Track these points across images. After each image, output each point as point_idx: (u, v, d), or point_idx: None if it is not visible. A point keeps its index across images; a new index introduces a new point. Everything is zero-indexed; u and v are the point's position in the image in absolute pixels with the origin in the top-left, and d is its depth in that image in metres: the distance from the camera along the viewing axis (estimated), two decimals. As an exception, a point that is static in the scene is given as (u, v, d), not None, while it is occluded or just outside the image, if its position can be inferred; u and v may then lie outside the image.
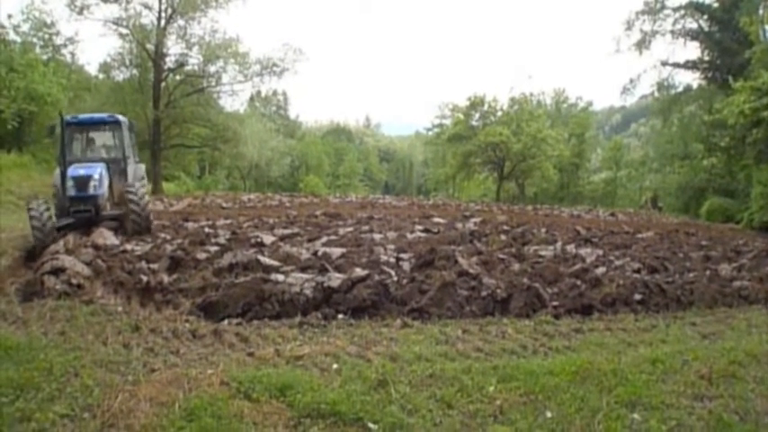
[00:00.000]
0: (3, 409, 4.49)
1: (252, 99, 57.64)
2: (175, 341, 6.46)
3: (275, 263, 9.68)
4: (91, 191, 13.11)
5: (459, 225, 18.10)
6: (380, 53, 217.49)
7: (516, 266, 10.71)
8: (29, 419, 4.39)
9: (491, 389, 5.21)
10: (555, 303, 8.47)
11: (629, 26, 40.64)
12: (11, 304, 7.67)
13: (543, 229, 18.61)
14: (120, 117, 15.25)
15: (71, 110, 34.37)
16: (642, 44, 40.37)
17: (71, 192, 12.93)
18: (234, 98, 47.94)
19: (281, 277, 8.47)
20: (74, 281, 8.32)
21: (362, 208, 26.45)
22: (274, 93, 78.64)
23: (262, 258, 9.78)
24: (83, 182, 13.07)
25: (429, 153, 77.93)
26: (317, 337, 6.61)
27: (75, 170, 13.14)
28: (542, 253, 12.70)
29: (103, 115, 15.78)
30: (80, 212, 13.12)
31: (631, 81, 44.33)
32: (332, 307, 7.67)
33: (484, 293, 8.43)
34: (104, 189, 13.50)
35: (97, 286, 8.39)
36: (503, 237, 15.40)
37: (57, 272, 8.53)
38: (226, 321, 7.22)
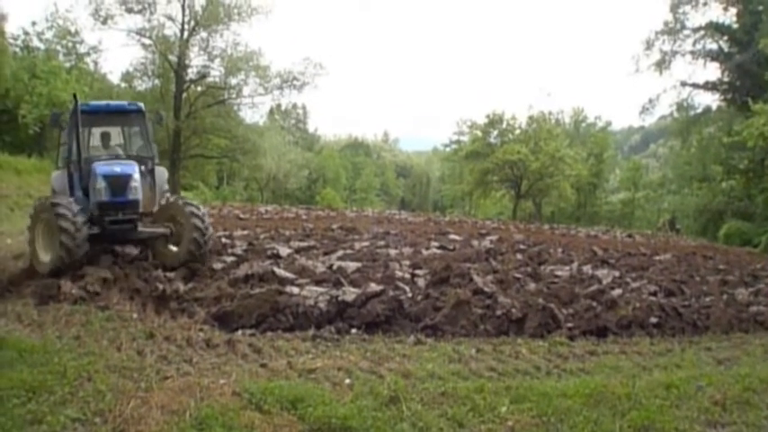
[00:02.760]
0: (14, 411, 4.56)
1: (271, 112, 58.03)
2: (189, 350, 6.54)
3: (290, 275, 9.75)
4: (130, 195, 10.21)
5: (475, 243, 18.04)
6: (400, 69, 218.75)
7: (532, 286, 10.65)
8: (40, 422, 4.45)
9: (503, 409, 5.19)
10: (570, 325, 8.42)
11: (649, 46, 40.37)
12: (27, 307, 7.84)
13: (560, 249, 18.49)
14: (142, 105, 12.15)
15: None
16: (662, 64, 40.05)
17: (102, 195, 10.00)
18: (254, 110, 48.31)
19: (295, 290, 8.52)
20: (90, 288, 8.42)
21: (379, 223, 26.45)
22: (294, 106, 79.11)
23: (277, 270, 9.85)
24: (120, 183, 10.13)
25: (446, 169, 77.93)
26: (330, 351, 6.63)
27: (108, 167, 10.25)
28: (558, 273, 12.62)
29: (123, 103, 12.76)
30: (118, 223, 10.26)
31: (650, 101, 43.89)
32: (345, 321, 7.70)
33: (499, 312, 8.40)
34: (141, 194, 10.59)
35: (113, 293, 8.46)
36: (519, 256, 15.31)
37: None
38: (240, 332, 7.28)
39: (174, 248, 10.73)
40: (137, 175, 10.33)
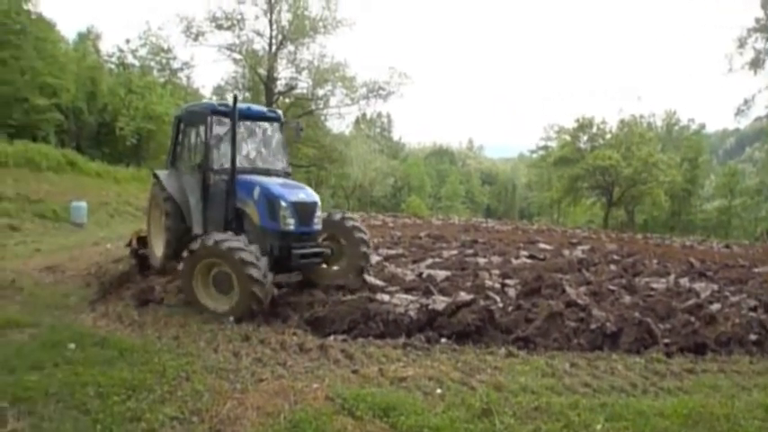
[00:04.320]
0: (115, 408, 4.79)
1: (357, 121, 58.88)
2: (283, 353, 6.71)
3: (380, 283, 9.84)
4: (315, 225, 9.18)
5: (567, 252, 17.59)
6: (484, 76, 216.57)
7: (627, 299, 10.26)
8: (139, 419, 4.67)
9: (598, 427, 5.05)
10: (667, 340, 8.02)
11: (742, 44, 38.53)
12: (127, 308, 8.25)
13: (655, 260, 17.74)
14: (281, 114, 10.93)
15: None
16: (756, 63, 37.99)
17: (289, 225, 8.67)
18: (340, 120, 49.29)
19: (386, 297, 8.59)
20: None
21: (465, 231, 26.28)
22: (378, 115, 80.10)
23: (367, 278, 9.94)
24: (308, 211, 8.97)
25: (533, 176, 76.54)
26: (421, 360, 6.63)
27: (290, 191, 8.90)
28: (654, 285, 12.10)
29: (263, 108, 10.97)
30: (308, 258, 9.05)
31: (745, 102, 41.82)
32: (435, 330, 7.67)
33: (593, 326, 8.12)
34: None
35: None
36: (612, 266, 14.83)
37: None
38: (332, 337, 7.39)
39: (334, 267, 10.04)
40: (319, 203, 9.27)
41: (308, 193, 9.14)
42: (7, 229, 17.08)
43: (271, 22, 39.31)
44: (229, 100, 9.17)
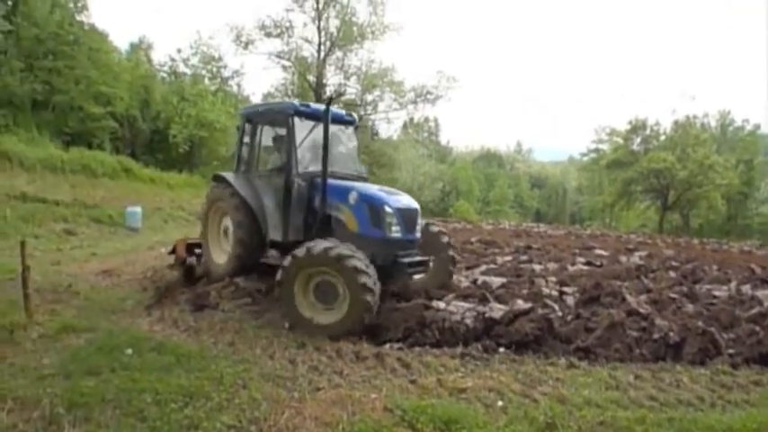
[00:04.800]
0: (172, 416, 4.75)
1: (405, 125, 58.95)
2: (339, 361, 6.60)
3: (435, 289, 9.65)
4: (417, 232, 8.97)
5: (623, 258, 17.13)
6: (533, 78, 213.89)
7: (690, 307, 9.85)
8: (196, 428, 4.61)
9: (667, 443, 4.75)
10: (731, 351, 7.64)
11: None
12: (183, 313, 8.25)
13: (714, 266, 17.11)
14: (357, 118, 10.68)
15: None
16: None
17: (396, 232, 8.34)
18: (389, 125, 49.42)
19: (441, 304, 8.40)
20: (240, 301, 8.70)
21: (517, 236, 25.88)
22: (426, 119, 79.93)
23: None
24: (412, 218, 8.71)
25: (584, 180, 75.09)
26: (480, 370, 6.44)
27: (393, 197, 8.61)
28: (716, 293, 11.61)
29: (341, 111, 10.44)
30: (414, 267, 8.82)
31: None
32: (493, 339, 7.44)
33: (655, 336, 7.78)
34: None
35: (265, 303, 8.75)
36: (672, 273, 14.32)
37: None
38: (387, 345, 7.25)
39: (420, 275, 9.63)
40: (419, 210, 9.05)
41: (409, 200, 8.94)
42: (64, 234, 17.44)
43: (319, 29, 39.87)
44: (330, 101, 8.68)
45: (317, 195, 8.69)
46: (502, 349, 7.26)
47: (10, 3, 28.80)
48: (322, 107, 8.92)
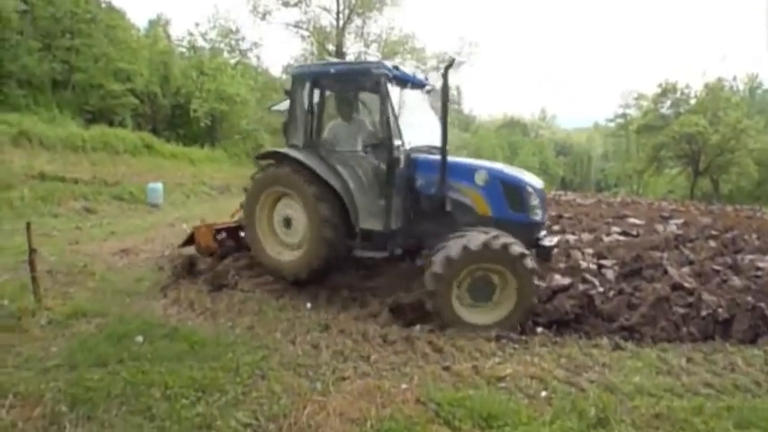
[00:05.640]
0: (182, 413, 4.36)
1: (428, 92, 58.09)
2: (366, 345, 6.15)
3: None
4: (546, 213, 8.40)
5: (660, 227, 16.36)
6: (555, 43, 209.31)
7: (736, 281, 9.18)
8: (209, 427, 4.22)
9: (728, 436, 4.26)
10: (782, 328, 7.01)
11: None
12: (200, 294, 7.78)
13: (754, 235, 16.28)
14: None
15: (259, 109, 37.22)
16: None
17: (537, 214, 7.56)
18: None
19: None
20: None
21: (546, 205, 25.14)
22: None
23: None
24: (544, 198, 7.91)
25: (610, 146, 73.52)
26: (519, 355, 5.93)
27: (525, 176, 7.84)
28: (760, 264, 10.88)
29: (421, 76, 9.05)
30: (549, 250, 7.86)
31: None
32: (530, 318, 6.94)
33: (704, 313, 7.21)
34: None
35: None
36: (711, 243, 13.60)
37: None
38: (417, 327, 6.69)
39: None
40: None
41: (536, 179, 8.08)
42: (84, 212, 17.19)
43: None
44: (449, 67, 7.29)
45: (419, 175, 7.71)
46: (540, 329, 6.75)
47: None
48: (410, 71, 8.02)
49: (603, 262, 9.86)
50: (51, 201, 16.96)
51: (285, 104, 8.77)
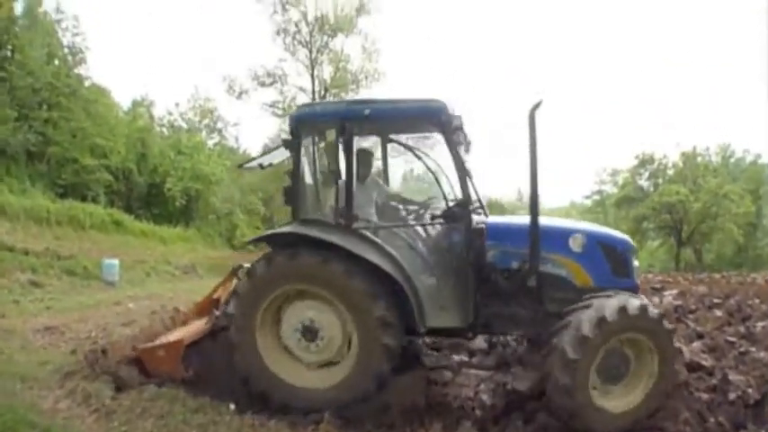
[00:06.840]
0: None
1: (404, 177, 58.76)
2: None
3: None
4: None
5: (656, 299, 15.21)
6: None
7: (754, 351, 7.83)
8: None
9: None
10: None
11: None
12: (104, 385, 6.08)
13: (757, 300, 15.25)
14: None
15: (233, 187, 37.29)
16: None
17: (638, 278, 6.74)
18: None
19: (447, 374, 6.49)
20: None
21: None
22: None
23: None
24: None
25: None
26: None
27: (623, 237, 6.62)
28: (775, 332, 9.72)
29: None
30: None
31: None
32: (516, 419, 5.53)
33: (732, 396, 5.94)
34: None
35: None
36: (716, 312, 12.45)
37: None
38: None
39: None
40: None
41: (624, 235, 6.87)
42: (28, 285, 15.95)
43: (313, 76, 40.12)
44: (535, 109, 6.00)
45: (490, 245, 6.14)
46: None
47: (8, 51, 28.83)
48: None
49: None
50: (-5, 271, 15.79)
51: (266, 159, 7.55)
